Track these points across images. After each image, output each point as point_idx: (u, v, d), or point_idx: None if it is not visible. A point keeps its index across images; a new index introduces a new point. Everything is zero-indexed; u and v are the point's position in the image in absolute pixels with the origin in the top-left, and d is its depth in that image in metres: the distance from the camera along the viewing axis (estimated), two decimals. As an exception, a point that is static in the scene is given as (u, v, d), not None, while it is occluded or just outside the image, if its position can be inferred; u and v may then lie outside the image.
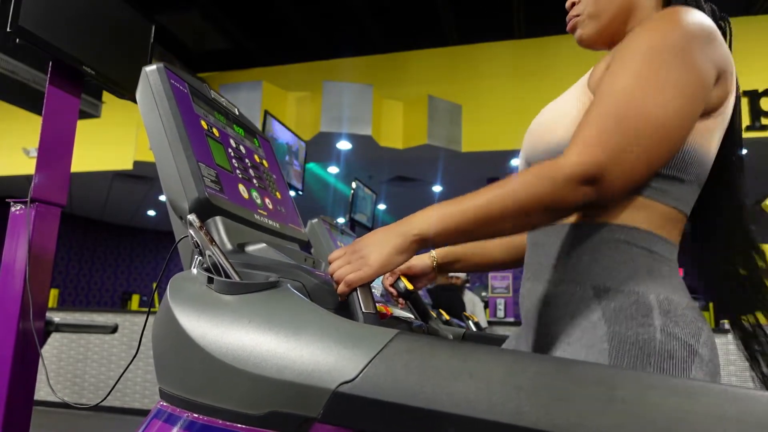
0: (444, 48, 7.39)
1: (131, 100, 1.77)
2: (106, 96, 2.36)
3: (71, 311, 6.06)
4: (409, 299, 1.16)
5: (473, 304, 5.62)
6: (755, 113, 5.93)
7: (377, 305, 0.76)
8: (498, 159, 6.85)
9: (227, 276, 0.68)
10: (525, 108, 6.60)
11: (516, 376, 0.52)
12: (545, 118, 0.84)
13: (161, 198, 9.68)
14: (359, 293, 0.72)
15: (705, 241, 0.84)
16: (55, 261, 1.65)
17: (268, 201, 0.99)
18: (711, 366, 0.71)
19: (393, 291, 1.05)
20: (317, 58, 7.65)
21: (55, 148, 1.62)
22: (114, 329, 2.12)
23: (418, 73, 7.38)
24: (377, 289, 1.24)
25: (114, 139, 7.11)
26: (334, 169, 7.88)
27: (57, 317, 1.81)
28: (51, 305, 6.34)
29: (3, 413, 1.44)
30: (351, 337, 0.58)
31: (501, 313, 7.35)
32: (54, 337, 4.84)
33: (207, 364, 0.61)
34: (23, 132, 6.97)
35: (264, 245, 0.83)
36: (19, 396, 1.48)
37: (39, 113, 1.62)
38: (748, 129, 5.87)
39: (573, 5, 0.88)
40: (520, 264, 1.10)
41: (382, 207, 9.01)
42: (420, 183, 8.22)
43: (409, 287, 1.03)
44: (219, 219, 0.81)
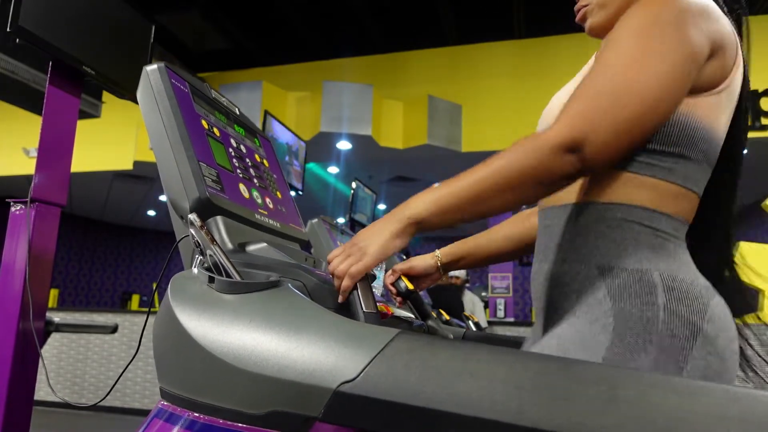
0: (444, 48, 7.39)
1: (131, 100, 1.77)
2: (106, 96, 2.36)
3: (71, 311, 6.06)
4: (410, 299, 1.16)
5: (473, 304, 5.62)
6: (755, 113, 5.93)
7: (378, 305, 0.76)
8: (498, 159, 6.83)
9: (228, 275, 0.68)
10: (525, 108, 6.61)
11: (517, 375, 0.52)
12: (553, 105, 0.85)
13: (161, 198, 9.68)
14: (360, 293, 0.72)
15: (698, 239, 0.83)
16: (55, 261, 1.64)
17: (268, 200, 0.99)
18: (719, 342, 0.70)
19: (393, 290, 1.05)
20: (317, 58, 7.65)
21: (55, 148, 1.62)
22: (114, 329, 2.12)
23: (418, 73, 7.37)
24: (378, 289, 1.24)
25: (114, 139, 7.11)
26: (334, 169, 7.88)
27: (57, 317, 1.81)
28: (51, 305, 6.35)
29: (3, 413, 1.44)
30: (352, 337, 0.58)
31: (501, 313, 7.35)
32: (54, 337, 4.84)
33: (208, 363, 0.61)
34: (23, 132, 6.97)
35: (265, 245, 0.83)
36: (19, 396, 1.49)
37: (39, 113, 1.62)
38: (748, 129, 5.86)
39: None
40: (523, 253, 1.10)
41: (382, 207, 9.00)
42: (420, 183, 8.22)
43: (410, 287, 1.03)
44: (220, 218, 0.81)
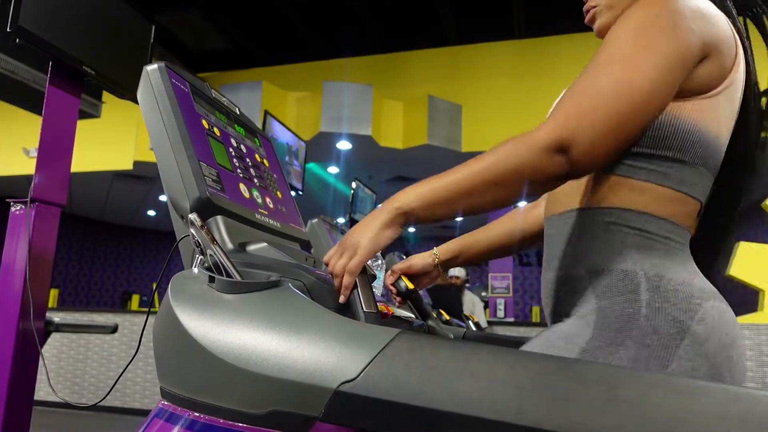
0: (444, 48, 7.39)
1: (131, 100, 1.77)
2: (106, 96, 2.36)
3: (71, 311, 6.05)
4: (410, 299, 1.16)
5: (473, 304, 5.62)
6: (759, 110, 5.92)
7: (378, 305, 0.76)
8: (498, 159, 6.83)
9: (228, 275, 0.68)
10: (525, 108, 6.61)
11: (517, 375, 0.52)
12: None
13: (161, 198, 9.68)
14: (360, 292, 0.72)
15: (700, 239, 0.83)
16: (55, 261, 1.64)
17: (269, 200, 0.99)
18: (710, 345, 0.68)
19: (393, 290, 1.05)
20: (317, 58, 7.65)
21: (55, 148, 1.62)
22: (114, 329, 2.11)
23: (418, 73, 7.37)
24: (378, 289, 1.24)
25: (114, 139, 7.10)
26: (334, 169, 7.88)
27: (57, 317, 1.81)
28: (51, 305, 6.35)
29: (3, 413, 1.44)
30: (352, 337, 0.58)
31: (501, 313, 7.35)
32: (54, 337, 4.84)
33: (208, 363, 0.61)
34: (23, 132, 6.97)
35: (265, 245, 0.82)
36: (19, 396, 1.48)
37: (39, 113, 1.62)
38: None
39: None
40: (521, 248, 1.11)
41: (382, 207, 8.98)
42: (420, 183, 8.21)
43: (410, 286, 1.03)
44: (220, 218, 0.81)
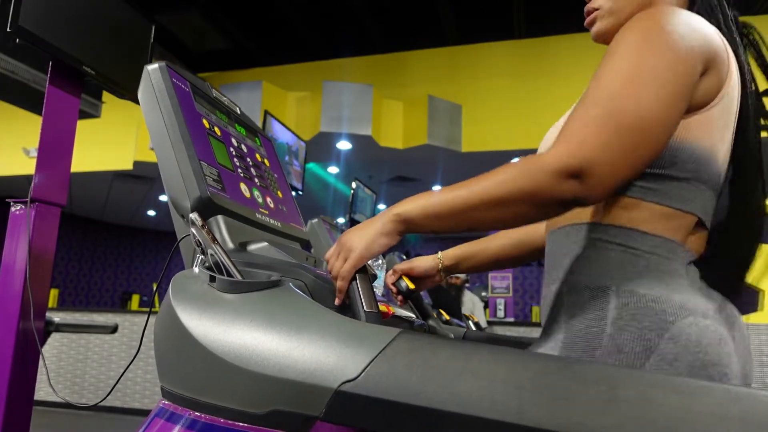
0: (444, 48, 7.38)
1: (131, 100, 1.77)
2: (106, 96, 2.36)
3: (71, 311, 6.06)
4: (411, 298, 1.16)
5: (473, 304, 5.63)
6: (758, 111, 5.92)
7: (379, 304, 0.76)
8: (498, 159, 6.82)
9: (229, 275, 0.68)
10: (525, 108, 6.61)
11: (518, 375, 0.52)
12: (552, 134, 0.85)
13: (161, 198, 9.68)
14: (361, 292, 0.72)
15: (715, 247, 0.81)
16: (55, 261, 1.64)
17: (269, 200, 0.99)
18: (680, 365, 0.66)
19: (394, 289, 1.06)
20: (317, 58, 7.64)
21: (55, 148, 1.62)
22: (114, 329, 2.11)
23: (418, 73, 7.37)
24: (379, 289, 1.24)
25: (114, 139, 7.10)
26: (334, 169, 7.87)
27: (57, 317, 1.80)
28: (51, 305, 6.34)
29: (3, 413, 1.44)
30: (353, 336, 0.58)
31: (501, 313, 7.35)
32: (54, 337, 4.84)
33: (209, 362, 0.61)
34: (23, 132, 6.96)
35: (266, 244, 0.82)
36: (20, 396, 1.48)
37: (39, 113, 1.62)
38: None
39: None
40: (524, 261, 1.10)
41: (382, 207, 8.99)
42: (420, 183, 8.22)
43: (411, 286, 1.03)
44: (221, 218, 0.81)
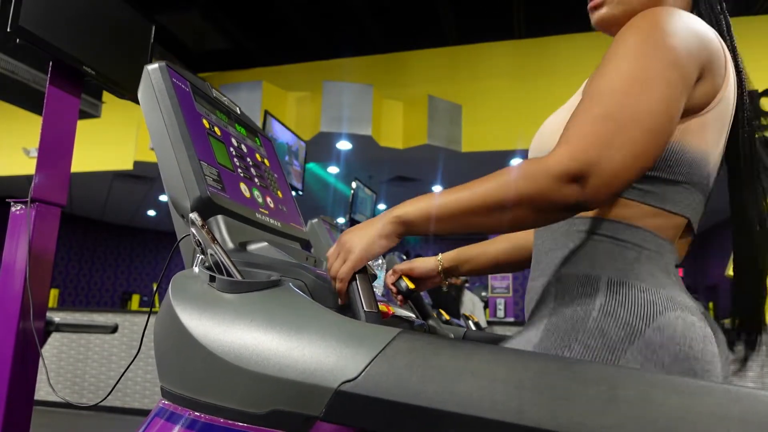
0: (444, 48, 7.39)
1: (131, 100, 1.77)
2: (106, 96, 2.36)
3: (71, 311, 6.06)
4: (411, 298, 1.16)
5: (473, 304, 5.63)
6: (755, 113, 5.92)
7: (379, 304, 0.76)
8: (498, 159, 6.84)
9: (229, 274, 0.68)
10: (525, 108, 6.61)
11: (518, 375, 0.52)
12: (547, 128, 0.84)
13: (161, 198, 9.68)
14: (361, 292, 0.72)
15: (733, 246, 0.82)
16: (55, 261, 1.64)
17: (269, 200, 0.99)
18: (665, 353, 0.66)
19: (394, 289, 1.06)
20: (317, 58, 7.64)
21: (55, 148, 1.62)
22: (114, 329, 2.11)
23: (418, 73, 7.37)
24: (379, 289, 1.24)
25: (114, 139, 7.10)
26: (334, 169, 7.88)
27: (57, 317, 1.80)
28: (51, 305, 6.34)
29: (3, 413, 1.44)
30: (353, 336, 0.58)
31: (501, 313, 7.36)
32: (54, 337, 4.84)
33: (209, 362, 0.61)
34: (23, 132, 6.96)
35: (266, 244, 0.82)
36: (20, 396, 1.48)
37: (39, 113, 1.62)
38: (748, 129, 5.86)
39: None
40: (524, 266, 1.10)
41: (382, 207, 9.00)
42: (420, 183, 8.22)
43: (411, 286, 1.04)
44: (221, 218, 0.81)
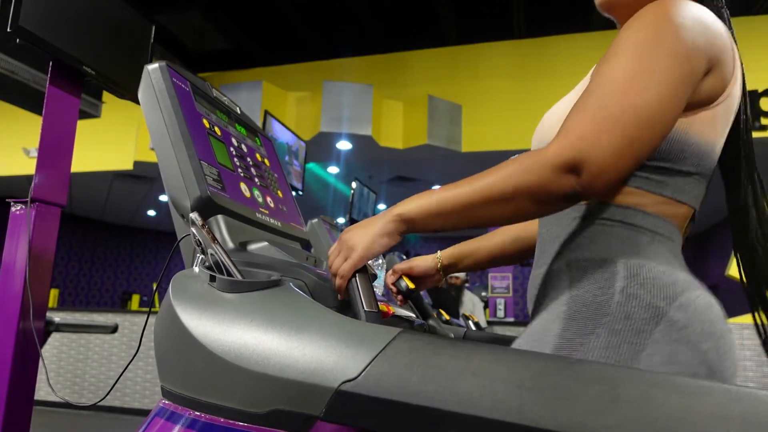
0: (444, 48, 7.39)
1: (131, 100, 1.77)
2: (106, 96, 2.36)
3: (71, 311, 6.06)
4: (411, 298, 1.16)
5: (473, 304, 5.63)
6: (755, 113, 5.93)
7: (379, 304, 0.76)
8: (498, 159, 6.72)
9: (229, 274, 0.68)
10: (525, 108, 6.61)
11: (518, 374, 0.52)
12: (548, 120, 0.84)
13: (161, 198, 9.68)
14: (361, 292, 0.72)
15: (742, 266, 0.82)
16: (55, 261, 1.64)
17: (269, 200, 0.99)
18: (691, 332, 0.67)
19: (394, 289, 1.06)
20: (317, 58, 7.64)
21: (55, 148, 1.62)
22: (114, 329, 2.11)
23: (418, 73, 7.37)
24: (379, 288, 1.24)
25: (114, 139, 7.10)
26: (334, 169, 7.88)
27: (57, 317, 1.80)
28: (51, 305, 6.34)
29: (3, 413, 1.44)
30: (353, 336, 0.58)
31: (501, 313, 7.35)
32: (54, 337, 4.84)
33: (209, 362, 0.60)
34: (23, 132, 6.96)
35: (266, 244, 0.82)
36: (20, 395, 1.48)
37: (39, 113, 1.62)
38: (747, 129, 5.87)
39: None
40: (524, 258, 1.10)
41: (382, 207, 9.00)
42: (420, 183, 8.22)
43: (411, 286, 1.03)
44: (221, 217, 0.81)
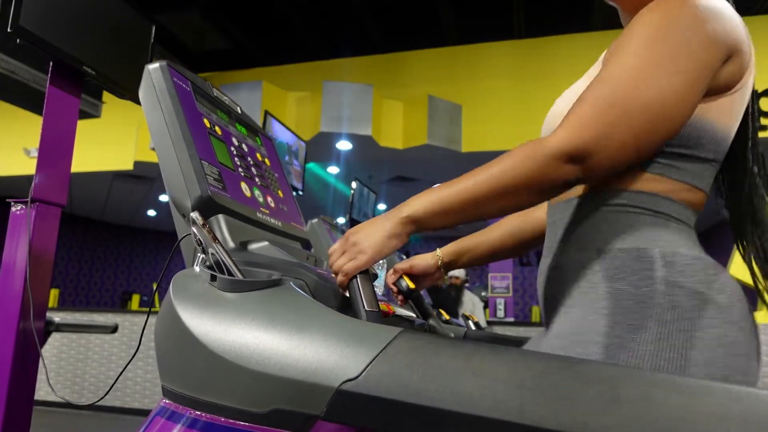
0: (444, 48, 7.38)
1: (132, 100, 1.77)
2: (106, 96, 2.36)
3: (71, 311, 6.05)
4: (411, 298, 1.16)
5: (473, 304, 5.62)
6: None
7: (380, 304, 0.76)
8: (498, 159, 6.82)
9: (230, 274, 0.68)
10: (525, 108, 6.61)
11: (519, 374, 0.52)
12: (558, 107, 0.84)
13: (161, 198, 9.67)
14: (362, 291, 0.72)
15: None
16: (55, 261, 1.64)
17: (270, 199, 0.99)
18: (734, 312, 0.67)
19: (395, 289, 1.05)
20: (317, 58, 7.64)
21: (56, 148, 1.62)
22: (114, 329, 2.11)
23: (418, 73, 7.37)
24: (379, 288, 1.24)
25: (114, 139, 7.10)
26: (334, 169, 7.87)
27: (57, 317, 1.80)
28: (51, 305, 6.34)
29: (3, 413, 1.44)
30: (354, 335, 0.58)
31: (501, 313, 7.34)
32: (54, 337, 4.84)
33: (210, 361, 0.61)
34: (23, 132, 6.96)
35: (266, 243, 0.82)
36: (20, 395, 1.48)
37: (39, 113, 1.62)
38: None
39: None
40: (525, 249, 1.09)
41: (382, 207, 9.00)
42: (420, 183, 8.22)
43: (411, 286, 1.03)
44: (222, 217, 0.81)
